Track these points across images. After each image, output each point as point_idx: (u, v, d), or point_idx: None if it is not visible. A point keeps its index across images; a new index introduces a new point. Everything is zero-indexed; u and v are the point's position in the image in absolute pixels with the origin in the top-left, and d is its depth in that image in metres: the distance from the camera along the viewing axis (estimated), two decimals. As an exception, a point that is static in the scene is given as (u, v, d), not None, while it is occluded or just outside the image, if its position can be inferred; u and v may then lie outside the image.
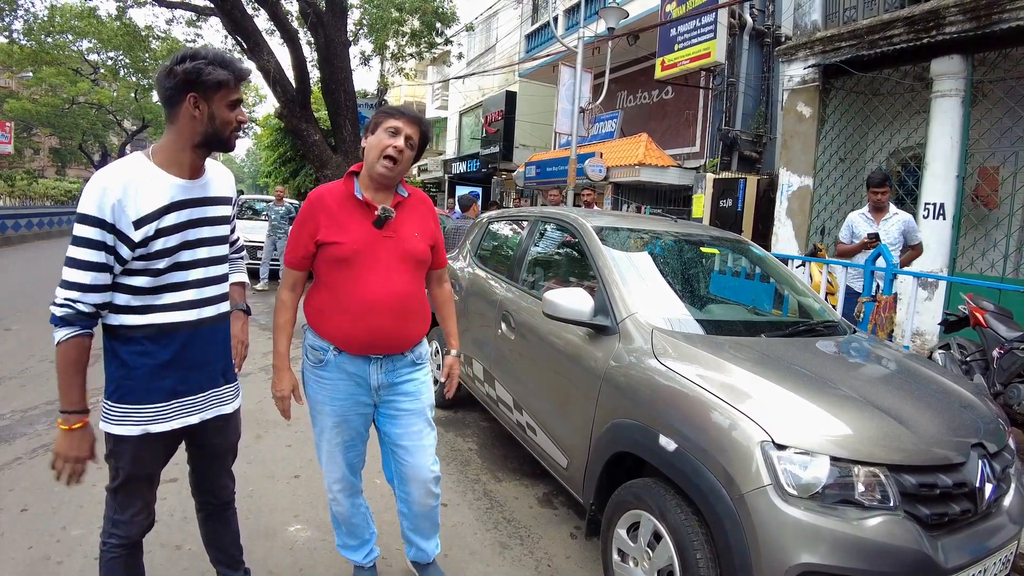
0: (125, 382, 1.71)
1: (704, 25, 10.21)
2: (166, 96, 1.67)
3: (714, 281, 3.90)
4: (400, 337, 2.12)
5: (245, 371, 5.34)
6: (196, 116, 1.67)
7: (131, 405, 1.72)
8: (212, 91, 1.65)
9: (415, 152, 2.11)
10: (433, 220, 2.26)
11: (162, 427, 1.76)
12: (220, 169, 1.90)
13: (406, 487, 2.28)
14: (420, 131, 2.09)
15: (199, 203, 1.77)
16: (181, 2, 13.65)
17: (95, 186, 1.59)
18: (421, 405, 2.24)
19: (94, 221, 1.57)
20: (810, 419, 1.91)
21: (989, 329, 4.23)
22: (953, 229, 6.77)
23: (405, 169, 2.09)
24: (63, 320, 1.59)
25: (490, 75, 20.21)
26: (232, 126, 1.73)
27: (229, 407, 1.97)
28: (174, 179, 1.70)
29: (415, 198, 2.22)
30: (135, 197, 1.61)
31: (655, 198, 12.55)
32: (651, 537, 2.16)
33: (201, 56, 1.64)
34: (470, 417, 4.52)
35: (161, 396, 1.75)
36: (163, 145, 1.72)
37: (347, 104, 12.45)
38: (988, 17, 6.13)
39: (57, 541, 2.63)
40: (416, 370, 2.24)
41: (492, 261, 4.35)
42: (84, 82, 30.04)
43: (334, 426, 2.18)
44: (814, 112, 8.22)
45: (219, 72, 1.64)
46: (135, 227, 1.61)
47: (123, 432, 1.72)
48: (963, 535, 1.89)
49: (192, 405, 1.83)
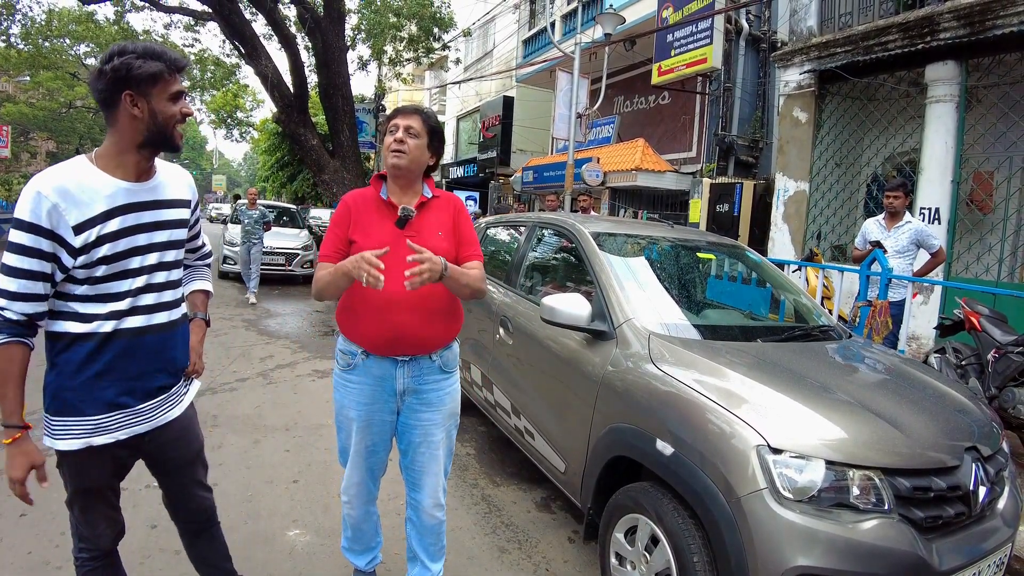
0: (64, 393, 1.62)
1: (700, 31, 10.26)
2: (101, 98, 1.58)
3: (711, 286, 3.92)
4: (425, 336, 2.11)
5: (243, 376, 5.35)
6: (136, 115, 1.57)
7: (71, 417, 1.62)
8: (148, 86, 1.56)
9: (425, 140, 2.11)
10: (461, 219, 2.22)
11: (105, 439, 1.66)
12: (174, 171, 1.82)
13: (416, 494, 2.28)
14: (420, 119, 2.10)
15: (148, 207, 1.68)
16: (179, 7, 13.70)
17: (31, 190, 1.50)
18: (442, 416, 2.23)
19: (28, 227, 1.49)
20: (806, 423, 1.93)
21: (984, 333, 4.25)
22: (948, 234, 6.81)
23: (417, 159, 2.10)
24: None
25: (487, 80, 20.28)
26: (175, 120, 1.63)
27: (178, 410, 1.84)
28: (118, 182, 1.61)
29: (442, 199, 2.22)
30: (75, 201, 1.53)
31: (652, 203, 12.59)
32: (648, 541, 2.17)
33: (129, 51, 1.55)
34: (468, 422, 4.53)
35: (103, 407, 1.64)
36: (105, 148, 1.63)
37: (345, 109, 12.48)
38: (982, 23, 6.18)
39: (56, 546, 2.63)
40: (444, 379, 2.22)
41: (490, 266, 4.36)
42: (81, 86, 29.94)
43: (359, 430, 2.19)
44: (810, 117, 8.26)
45: (151, 64, 1.55)
46: (75, 232, 1.53)
47: (64, 447, 1.63)
48: (957, 538, 1.90)
49: (139, 415, 1.72)
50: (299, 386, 5.23)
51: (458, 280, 2.02)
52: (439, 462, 2.24)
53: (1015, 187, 6.76)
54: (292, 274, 11.46)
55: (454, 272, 2.00)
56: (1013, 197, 6.75)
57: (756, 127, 10.87)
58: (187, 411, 1.90)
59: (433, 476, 2.25)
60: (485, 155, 19.69)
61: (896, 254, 4.93)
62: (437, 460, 2.24)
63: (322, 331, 7.68)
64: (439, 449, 2.23)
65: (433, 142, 2.15)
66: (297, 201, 27.34)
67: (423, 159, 2.13)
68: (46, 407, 1.65)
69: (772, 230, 8.80)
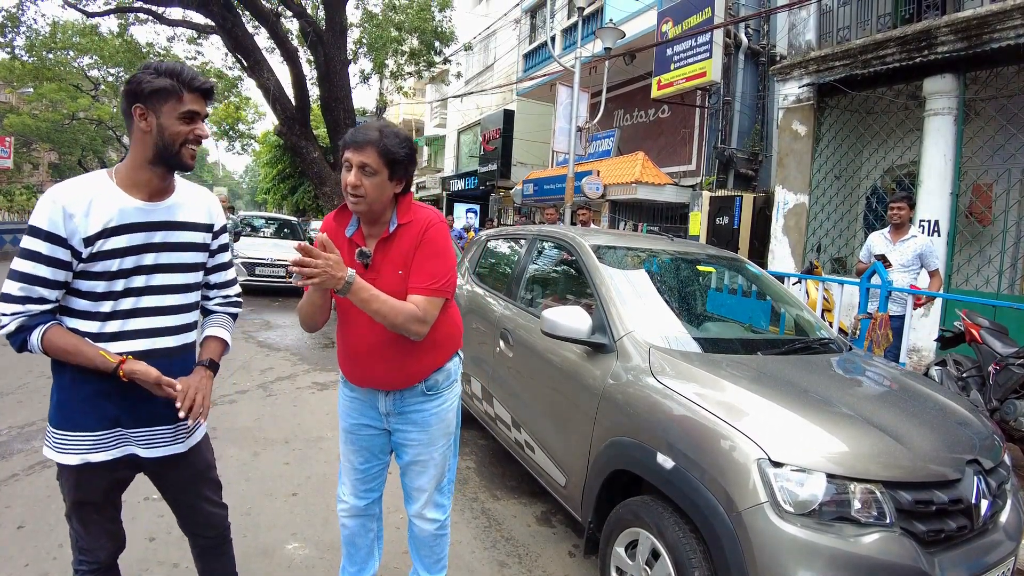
0: (65, 406, 1.64)
1: (700, 45, 10.34)
2: (123, 112, 1.63)
3: (711, 299, 3.92)
4: (397, 379, 2.06)
5: (243, 388, 5.34)
6: (144, 128, 1.59)
7: (69, 432, 1.63)
8: (157, 102, 1.58)
9: (384, 175, 1.86)
10: (421, 246, 1.95)
11: (102, 456, 1.66)
12: (195, 192, 1.80)
13: (409, 507, 2.28)
14: (375, 152, 1.83)
15: (159, 227, 1.67)
16: (182, 20, 13.80)
17: (48, 199, 1.54)
18: (429, 436, 2.15)
19: (45, 235, 1.52)
20: (806, 436, 1.92)
21: (985, 345, 4.25)
22: (948, 246, 6.83)
23: (377, 198, 1.88)
24: (21, 329, 1.55)
25: (488, 94, 20.40)
26: (181, 139, 1.62)
27: (182, 446, 1.81)
28: (131, 200, 1.62)
29: (412, 226, 1.97)
30: (87, 214, 1.56)
31: (652, 216, 12.62)
32: (649, 555, 2.16)
33: (151, 67, 1.58)
34: (468, 435, 4.51)
35: (101, 423, 1.65)
36: (124, 164, 1.66)
37: (346, 122, 12.54)
38: (979, 37, 6.23)
39: (54, 559, 2.61)
40: (427, 400, 2.13)
41: (490, 279, 4.37)
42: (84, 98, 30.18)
43: (347, 441, 2.21)
44: (809, 130, 8.31)
45: (160, 80, 1.57)
46: (84, 244, 1.56)
47: (63, 461, 1.65)
48: (960, 551, 1.89)
49: (136, 437, 1.72)
50: (299, 399, 5.22)
51: (367, 306, 1.80)
52: (428, 479, 2.20)
53: (1014, 199, 6.78)
54: (292, 286, 11.45)
55: (363, 294, 1.78)
56: (1012, 209, 6.77)
57: (755, 140, 10.92)
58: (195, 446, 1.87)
59: (421, 492, 2.22)
60: (486, 168, 19.78)
61: (900, 268, 4.92)
62: (425, 477, 2.20)
63: (322, 343, 7.67)
64: (427, 467, 2.18)
65: (396, 172, 1.89)
66: (298, 213, 27.46)
67: (385, 196, 1.90)
68: (50, 419, 1.67)
69: (772, 243, 8.82)
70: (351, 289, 1.75)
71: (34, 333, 1.55)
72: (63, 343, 1.57)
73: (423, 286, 1.92)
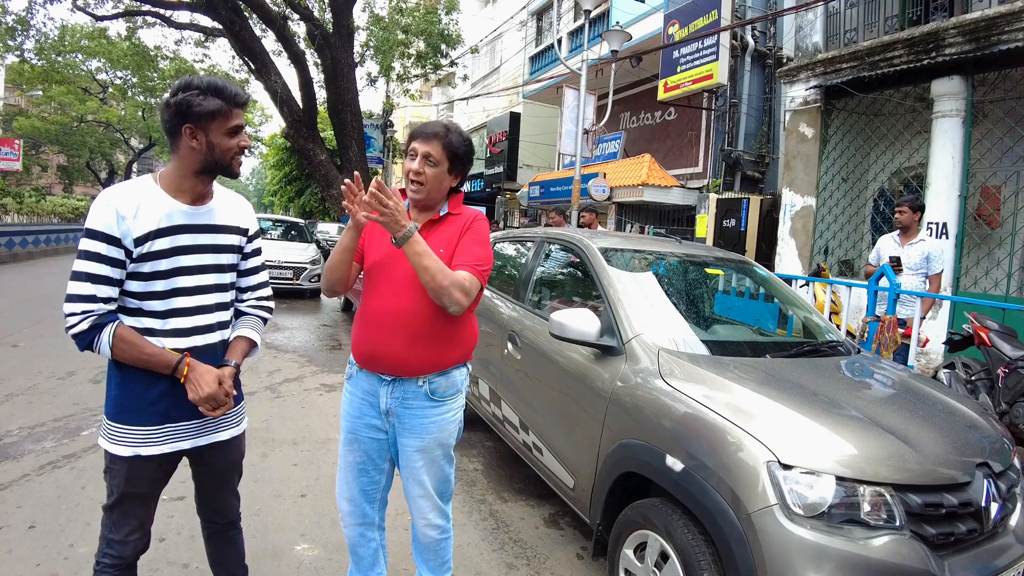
0: (121, 401, 1.73)
1: (706, 47, 10.33)
2: (166, 128, 1.71)
3: (718, 302, 3.92)
4: (403, 359, 2.03)
5: (251, 390, 5.36)
6: (195, 147, 1.69)
7: (124, 425, 1.73)
8: (207, 121, 1.67)
9: (445, 167, 2.03)
10: (466, 233, 2.07)
11: (152, 451, 1.76)
12: (232, 198, 1.91)
13: (411, 510, 2.27)
14: (440, 145, 2.01)
15: (200, 229, 1.78)
16: (190, 24, 13.91)
17: (103, 202, 1.63)
18: (423, 444, 2.11)
19: (104, 237, 1.61)
20: (815, 439, 1.92)
21: (993, 348, 4.24)
22: (956, 248, 6.80)
23: (436, 188, 2.04)
24: (92, 329, 1.62)
25: (494, 96, 20.42)
26: (232, 153, 1.74)
27: (226, 434, 1.93)
28: (177, 204, 1.73)
29: (459, 217, 2.12)
30: (136, 216, 1.65)
31: (659, 218, 12.62)
32: (658, 557, 2.17)
33: (194, 86, 1.65)
34: (476, 437, 4.52)
35: (154, 419, 1.75)
36: (169, 171, 1.76)
37: (353, 124, 12.61)
38: (987, 39, 6.21)
39: (65, 559, 2.63)
40: (429, 407, 2.10)
41: (498, 281, 4.38)
42: (93, 101, 30.43)
43: (345, 443, 2.20)
44: (816, 133, 8.29)
45: (211, 102, 1.65)
46: (135, 244, 1.65)
47: (116, 452, 1.74)
48: (970, 555, 1.89)
49: (185, 431, 1.81)
50: (307, 400, 5.24)
51: (419, 259, 1.83)
52: (424, 487, 2.18)
53: (1022, 201, 6.75)
54: (300, 288, 11.50)
55: (419, 247, 1.82)
56: (1021, 211, 6.74)
57: (762, 142, 10.90)
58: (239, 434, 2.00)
59: (419, 499, 2.20)
60: (492, 170, 19.79)
61: (909, 271, 4.90)
62: (421, 485, 2.17)
63: (330, 345, 7.70)
64: (422, 475, 2.15)
65: (455, 166, 2.06)
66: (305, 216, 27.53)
67: (443, 187, 2.07)
68: (105, 411, 1.77)
69: (779, 245, 8.81)
70: (410, 239, 1.81)
71: (104, 331, 1.64)
72: (132, 339, 1.66)
73: (470, 264, 1.98)
